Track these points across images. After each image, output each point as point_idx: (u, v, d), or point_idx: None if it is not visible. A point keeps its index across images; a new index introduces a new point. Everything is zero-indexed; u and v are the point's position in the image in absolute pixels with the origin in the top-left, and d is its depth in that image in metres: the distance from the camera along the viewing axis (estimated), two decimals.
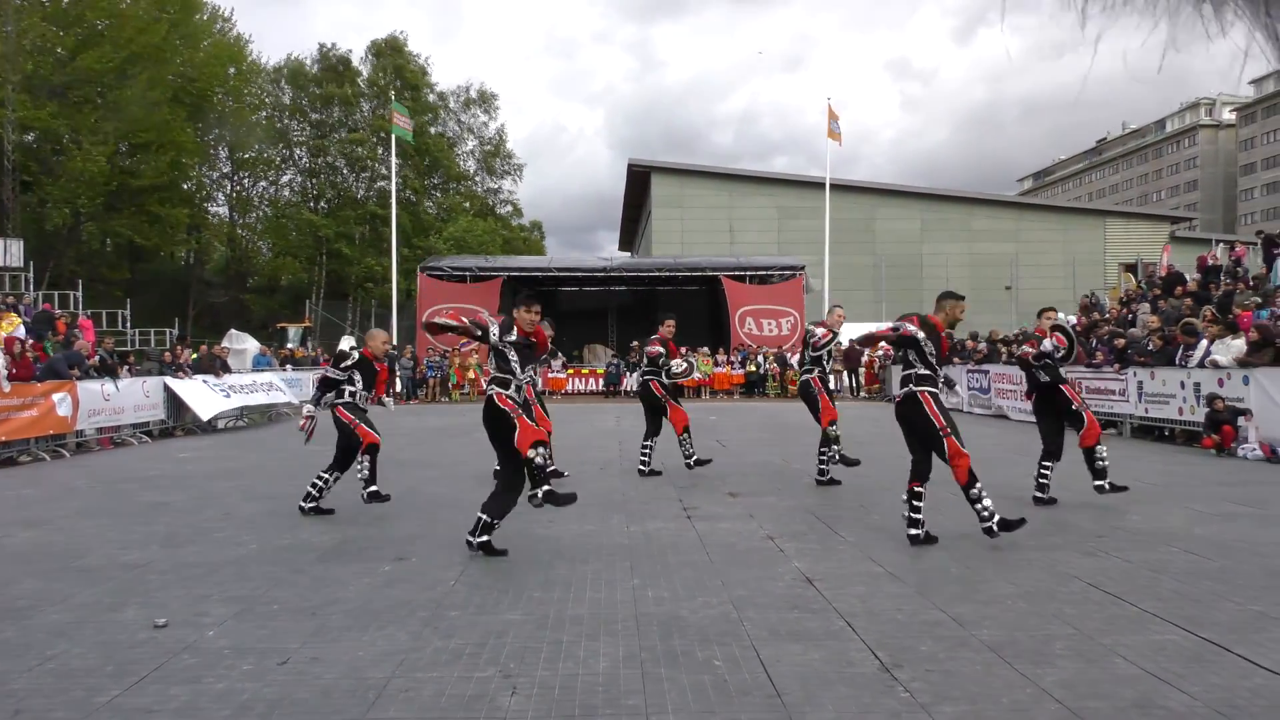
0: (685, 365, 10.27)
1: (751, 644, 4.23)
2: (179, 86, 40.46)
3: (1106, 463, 8.05)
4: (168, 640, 4.37)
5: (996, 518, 6.35)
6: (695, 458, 10.21)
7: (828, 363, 9.58)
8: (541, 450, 6.11)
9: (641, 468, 10.26)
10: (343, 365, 8.13)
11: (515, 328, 6.37)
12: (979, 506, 6.37)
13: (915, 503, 6.47)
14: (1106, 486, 8.01)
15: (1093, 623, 4.50)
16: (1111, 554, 6.05)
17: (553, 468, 6.66)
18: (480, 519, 6.21)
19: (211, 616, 4.76)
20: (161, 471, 11.16)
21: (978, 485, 6.36)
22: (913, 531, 6.44)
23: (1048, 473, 8.17)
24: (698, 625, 4.54)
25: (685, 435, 10.16)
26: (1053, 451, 8.17)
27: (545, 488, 6.11)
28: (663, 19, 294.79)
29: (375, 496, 8.17)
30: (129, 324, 29.87)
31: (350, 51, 55.22)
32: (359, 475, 8.14)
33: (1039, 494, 8.13)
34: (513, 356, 6.29)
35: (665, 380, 10.15)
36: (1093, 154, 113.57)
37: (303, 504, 7.87)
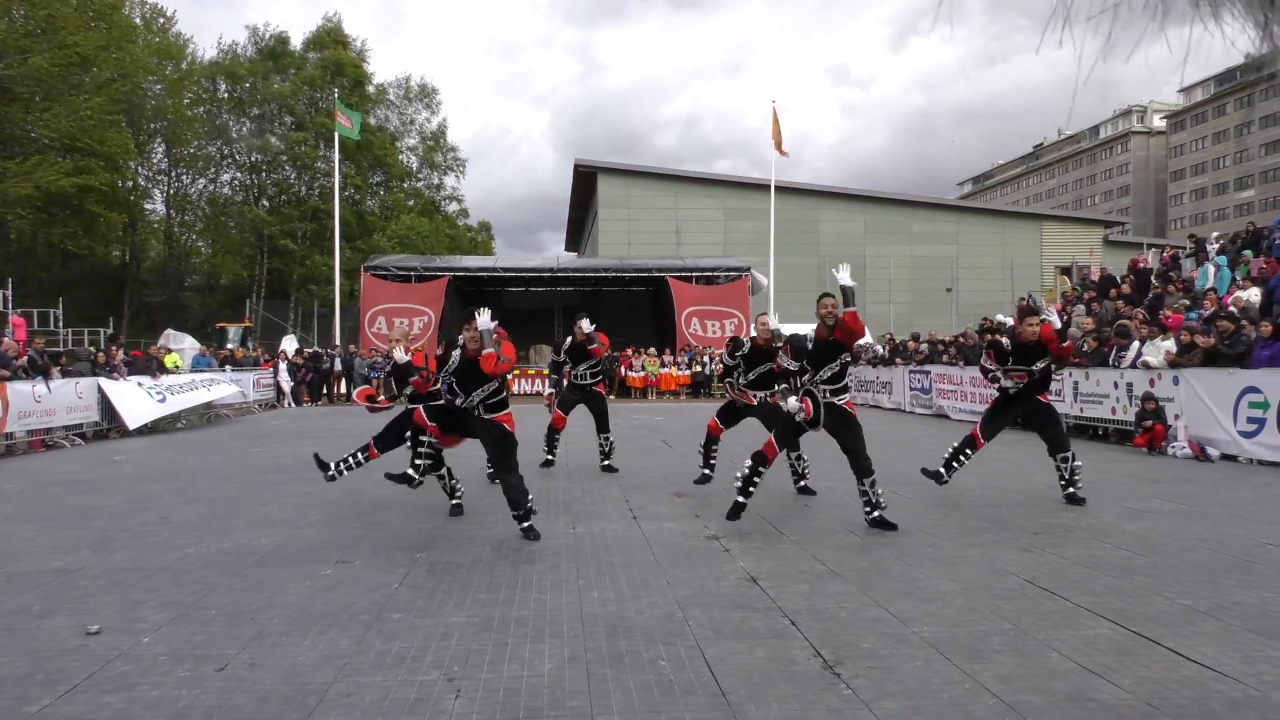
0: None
1: (696, 643, 4.25)
2: (114, 87, 39.42)
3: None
4: (100, 647, 4.26)
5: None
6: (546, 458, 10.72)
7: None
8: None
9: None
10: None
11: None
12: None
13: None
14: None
15: (1028, 618, 4.60)
16: (1047, 550, 6.19)
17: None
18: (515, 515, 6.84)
19: (146, 622, 4.65)
20: (95, 474, 10.87)
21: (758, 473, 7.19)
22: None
23: (1068, 467, 8.16)
24: (643, 625, 4.55)
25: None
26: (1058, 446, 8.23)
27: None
28: (604, 24, 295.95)
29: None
30: (61, 323, 29.10)
31: (284, 30, 54.17)
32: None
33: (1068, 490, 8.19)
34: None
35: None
36: (1030, 159, 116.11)
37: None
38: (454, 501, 7.79)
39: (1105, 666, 3.87)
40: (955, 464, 8.31)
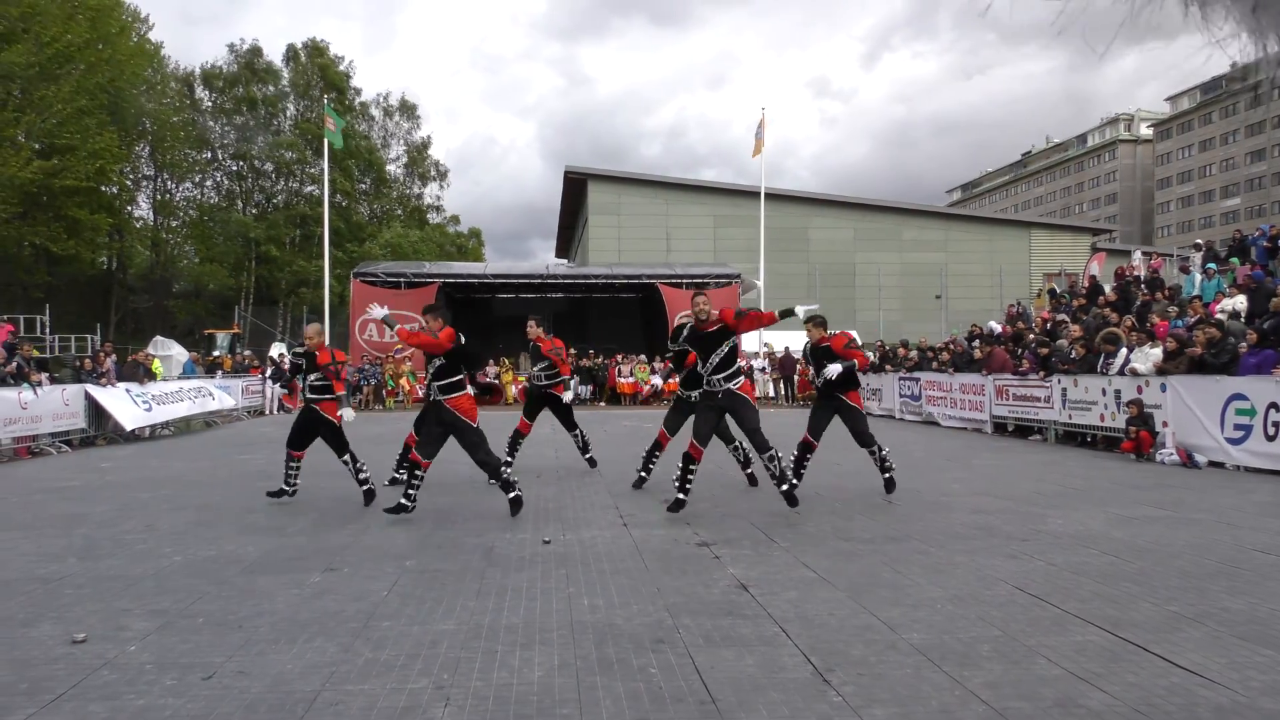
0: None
1: (686, 651, 4.24)
2: (100, 86, 39.23)
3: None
4: (86, 656, 4.23)
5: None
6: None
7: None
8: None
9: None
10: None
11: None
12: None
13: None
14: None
15: (1017, 624, 4.61)
16: (1035, 557, 6.20)
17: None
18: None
19: (132, 631, 4.62)
20: (81, 482, 10.81)
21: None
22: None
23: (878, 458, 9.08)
24: (632, 633, 4.54)
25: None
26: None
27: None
28: (586, 39, 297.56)
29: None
30: (49, 330, 28.94)
31: (258, 40, 54.54)
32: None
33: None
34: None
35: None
36: (1018, 167, 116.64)
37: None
38: (366, 488, 8.81)
39: (1093, 673, 3.88)
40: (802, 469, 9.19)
